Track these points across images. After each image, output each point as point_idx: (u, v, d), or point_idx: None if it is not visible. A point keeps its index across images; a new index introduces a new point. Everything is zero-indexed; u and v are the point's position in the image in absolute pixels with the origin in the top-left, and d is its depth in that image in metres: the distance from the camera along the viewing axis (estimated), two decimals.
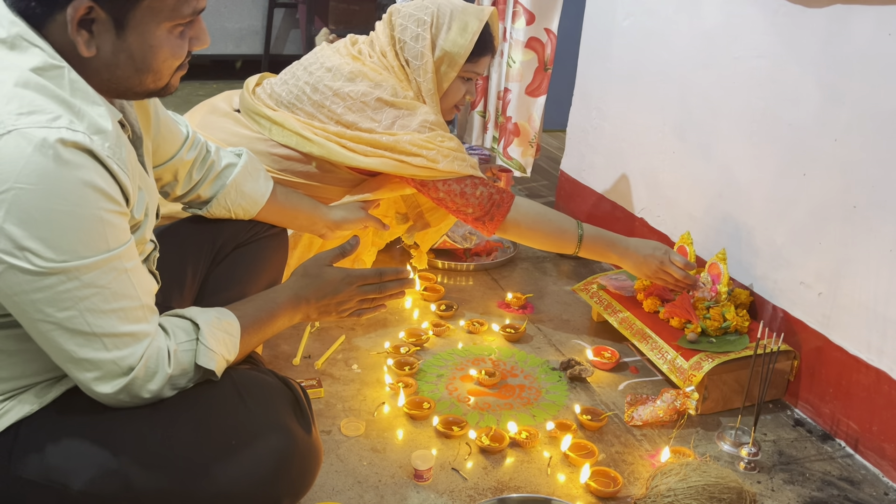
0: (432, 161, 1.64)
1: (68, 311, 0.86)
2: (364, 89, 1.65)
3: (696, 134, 1.97)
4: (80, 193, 0.84)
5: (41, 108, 0.83)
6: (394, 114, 1.65)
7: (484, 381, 1.66)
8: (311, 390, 1.56)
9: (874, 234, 1.46)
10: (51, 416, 0.95)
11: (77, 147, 0.83)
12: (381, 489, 1.33)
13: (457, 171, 1.66)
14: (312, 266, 1.19)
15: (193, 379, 1.00)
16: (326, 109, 1.65)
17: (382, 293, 1.22)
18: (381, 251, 2.21)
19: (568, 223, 1.74)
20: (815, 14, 1.57)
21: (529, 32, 2.51)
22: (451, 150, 1.67)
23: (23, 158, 0.80)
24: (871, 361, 1.49)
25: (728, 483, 1.22)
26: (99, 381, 0.91)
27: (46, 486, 0.93)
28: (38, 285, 0.84)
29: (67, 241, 0.84)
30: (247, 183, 1.39)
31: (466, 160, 1.69)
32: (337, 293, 1.18)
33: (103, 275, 0.88)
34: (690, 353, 1.61)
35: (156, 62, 0.93)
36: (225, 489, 0.96)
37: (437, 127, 1.68)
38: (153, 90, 0.97)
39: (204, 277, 1.38)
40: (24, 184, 0.81)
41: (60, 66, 0.87)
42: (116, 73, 0.92)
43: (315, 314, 1.18)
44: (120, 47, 0.90)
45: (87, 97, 0.89)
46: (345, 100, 1.65)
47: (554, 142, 3.74)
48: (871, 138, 1.46)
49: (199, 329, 1.00)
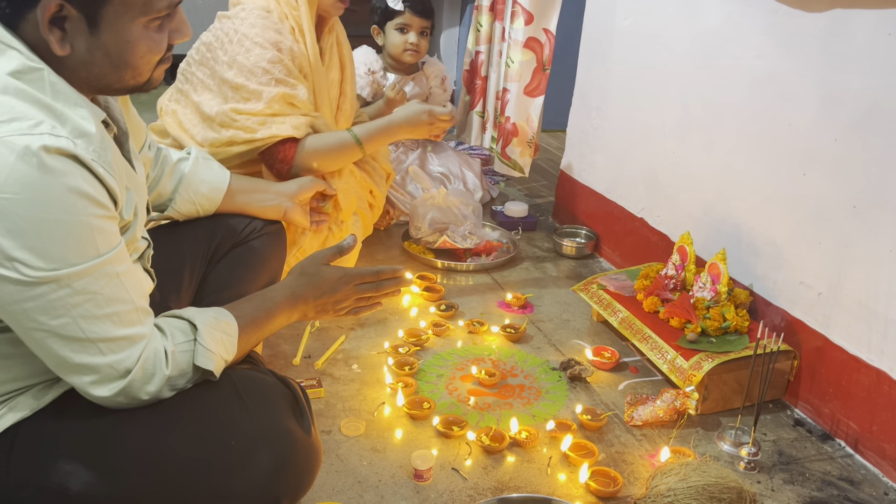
0: (249, 131, 1.70)
1: (61, 318, 0.86)
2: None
3: (696, 134, 1.97)
4: (67, 200, 0.83)
5: (22, 115, 0.82)
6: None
7: (484, 381, 1.66)
8: (311, 390, 1.56)
9: (874, 234, 1.46)
10: (49, 417, 0.95)
11: (61, 153, 0.82)
12: (381, 489, 1.33)
13: (276, 134, 1.71)
14: (310, 265, 1.19)
15: (192, 380, 0.99)
16: (204, 67, 1.74)
17: (379, 291, 1.22)
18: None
19: (343, 138, 1.82)
20: (814, 14, 1.57)
21: (528, 32, 2.51)
22: (268, 114, 1.71)
23: (6, 168, 0.79)
24: (871, 361, 1.49)
25: (728, 483, 1.22)
26: (96, 385, 0.91)
27: (45, 488, 0.93)
28: (29, 295, 0.83)
29: (57, 249, 0.83)
30: (204, 171, 1.39)
31: (286, 122, 1.73)
32: (334, 292, 1.18)
33: (95, 281, 0.87)
34: (690, 353, 1.61)
35: (133, 58, 0.91)
36: (224, 489, 0.96)
37: (272, 67, 1.70)
38: (134, 86, 0.96)
39: (202, 277, 1.38)
40: (9, 193, 0.80)
41: (39, 69, 0.86)
42: (94, 71, 0.90)
43: (312, 313, 1.18)
44: (95, 45, 0.88)
45: (69, 99, 0.87)
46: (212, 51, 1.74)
47: (554, 142, 3.74)
48: (871, 138, 1.46)
49: (196, 330, 1.00)
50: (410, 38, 2.61)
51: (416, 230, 2.30)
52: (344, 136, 1.83)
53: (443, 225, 2.28)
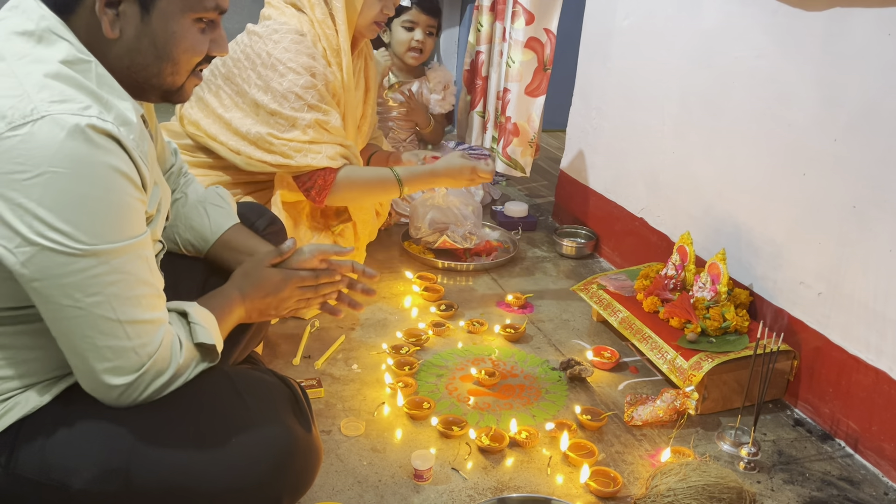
0: (286, 157, 1.72)
1: (95, 296, 0.87)
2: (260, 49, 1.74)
3: (696, 134, 1.97)
4: (111, 178, 0.87)
5: (72, 98, 0.86)
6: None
7: (484, 381, 1.66)
8: (311, 390, 1.56)
9: (874, 234, 1.47)
10: (52, 415, 0.95)
11: (106, 134, 0.86)
12: (381, 489, 1.33)
13: (310, 164, 1.73)
14: (252, 267, 1.20)
15: (195, 369, 1.00)
16: (231, 84, 1.75)
17: (318, 293, 1.23)
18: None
19: (385, 176, 1.84)
20: (814, 14, 1.57)
21: (529, 33, 2.51)
22: (303, 142, 1.72)
23: (56, 143, 0.83)
24: (871, 361, 1.49)
25: (728, 483, 1.23)
26: (112, 374, 0.91)
27: (47, 485, 0.93)
28: (69, 269, 0.85)
29: (99, 224, 0.86)
30: (196, 218, 1.31)
31: (321, 149, 1.74)
32: (276, 293, 1.19)
33: (129, 261, 0.90)
34: (690, 353, 1.61)
35: (176, 51, 0.96)
36: (225, 487, 0.96)
37: (305, 93, 1.71)
38: (169, 87, 1.00)
39: (203, 280, 1.37)
40: (58, 167, 0.83)
41: (88, 61, 0.91)
42: (137, 59, 0.95)
43: (256, 314, 1.19)
44: (143, 31, 0.94)
45: (114, 91, 0.92)
46: (241, 69, 1.74)
47: (554, 142, 3.74)
48: (871, 138, 1.46)
49: (187, 314, 1.02)
50: (416, 35, 2.64)
51: (416, 230, 2.30)
52: (386, 174, 1.84)
53: (443, 225, 2.28)
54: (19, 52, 0.88)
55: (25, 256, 0.84)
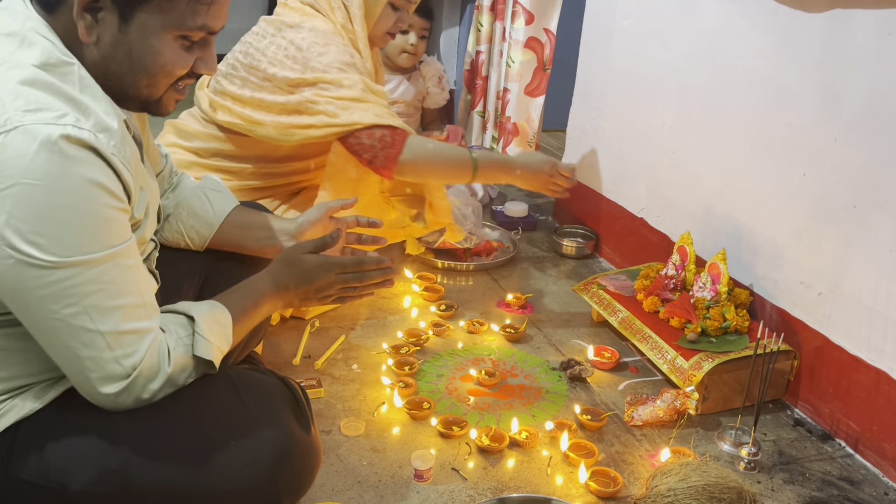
0: (332, 116, 1.65)
1: (72, 307, 0.86)
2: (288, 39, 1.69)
3: (696, 134, 1.97)
4: (85, 189, 0.85)
5: (47, 106, 0.84)
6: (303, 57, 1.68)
7: (484, 381, 1.66)
8: (310, 390, 1.56)
9: (874, 234, 1.46)
10: (50, 416, 0.95)
11: (81, 144, 0.84)
12: (381, 489, 1.33)
13: (358, 121, 1.66)
14: (291, 254, 1.19)
15: (192, 374, 0.99)
16: (256, 70, 1.70)
17: (363, 282, 1.20)
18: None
19: (461, 153, 1.78)
20: (814, 14, 1.57)
21: (529, 32, 2.51)
22: (351, 98, 1.66)
23: (28, 154, 0.81)
24: (872, 361, 1.49)
25: (728, 483, 1.22)
26: (101, 382, 0.91)
27: (46, 487, 0.93)
28: (43, 281, 0.84)
29: (72, 236, 0.85)
30: (197, 205, 1.32)
31: (368, 108, 1.67)
32: (315, 280, 1.16)
33: (107, 271, 0.88)
34: (690, 353, 1.61)
35: (153, 65, 0.94)
36: (224, 488, 0.96)
37: (347, 68, 1.68)
38: (146, 98, 0.97)
39: (204, 278, 1.37)
40: (30, 179, 0.81)
41: (70, 63, 0.89)
42: (112, 68, 0.93)
43: (297, 301, 1.18)
44: (120, 41, 0.91)
45: (96, 95, 0.90)
46: (266, 55, 1.70)
47: (554, 142, 3.74)
48: (871, 138, 1.46)
49: (194, 321, 1.00)
50: (411, 38, 2.67)
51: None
52: (463, 153, 1.78)
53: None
54: (0, 57, 0.87)
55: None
